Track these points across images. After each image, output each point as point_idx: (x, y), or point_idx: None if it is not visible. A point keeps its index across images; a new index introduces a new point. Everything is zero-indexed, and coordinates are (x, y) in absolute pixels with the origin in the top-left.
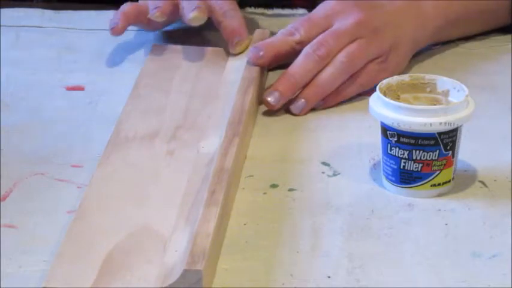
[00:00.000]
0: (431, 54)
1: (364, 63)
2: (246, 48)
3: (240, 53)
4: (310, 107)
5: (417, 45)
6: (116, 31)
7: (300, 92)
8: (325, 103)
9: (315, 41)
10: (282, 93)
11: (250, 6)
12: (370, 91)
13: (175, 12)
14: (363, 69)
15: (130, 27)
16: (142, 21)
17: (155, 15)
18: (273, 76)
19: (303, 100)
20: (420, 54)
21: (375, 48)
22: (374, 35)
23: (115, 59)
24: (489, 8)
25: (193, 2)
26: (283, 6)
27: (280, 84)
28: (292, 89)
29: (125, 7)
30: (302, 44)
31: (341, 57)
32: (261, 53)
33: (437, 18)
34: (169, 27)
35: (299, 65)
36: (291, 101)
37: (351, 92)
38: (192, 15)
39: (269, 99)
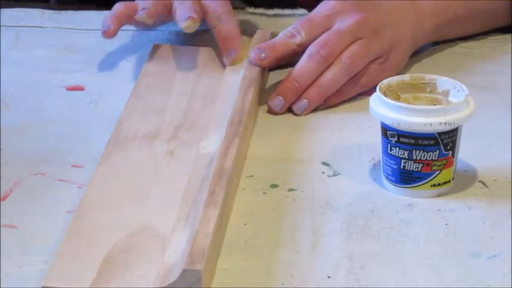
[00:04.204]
0: (431, 54)
1: (366, 63)
2: (241, 60)
3: (234, 64)
4: (312, 107)
5: (416, 43)
6: (108, 34)
7: (303, 92)
8: (326, 103)
9: (317, 40)
10: (286, 99)
11: (250, 6)
12: (370, 91)
13: (166, 12)
14: (364, 69)
15: (131, 27)
16: (134, 21)
17: (142, 17)
18: (273, 76)
19: (305, 101)
20: (420, 54)
21: (375, 48)
22: (374, 35)
23: (115, 59)
24: (489, 8)
25: (187, 3)
26: (284, 6)
27: (284, 90)
28: (296, 93)
29: (117, 8)
30: (303, 46)
31: (344, 57)
32: (263, 55)
33: (435, 16)
34: (170, 27)
35: (302, 68)
36: (294, 101)
37: (352, 92)
38: (185, 25)
39: (273, 105)
